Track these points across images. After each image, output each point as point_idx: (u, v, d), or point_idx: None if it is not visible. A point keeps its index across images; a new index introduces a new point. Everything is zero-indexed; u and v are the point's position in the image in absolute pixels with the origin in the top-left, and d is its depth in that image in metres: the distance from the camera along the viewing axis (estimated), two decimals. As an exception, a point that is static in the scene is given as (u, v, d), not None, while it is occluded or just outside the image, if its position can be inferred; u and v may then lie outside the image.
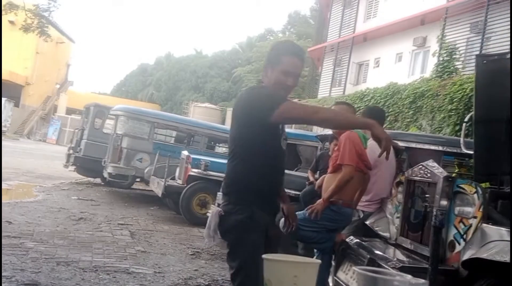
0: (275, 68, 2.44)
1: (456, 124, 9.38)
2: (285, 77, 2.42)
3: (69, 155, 12.35)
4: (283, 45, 2.58)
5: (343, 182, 3.57)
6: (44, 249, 4.99)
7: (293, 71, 2.44)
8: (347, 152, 3.57)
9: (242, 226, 2.33)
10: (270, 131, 2.39)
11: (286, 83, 2.43)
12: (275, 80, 2.43)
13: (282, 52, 2.46)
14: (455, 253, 3.02)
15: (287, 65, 2.42)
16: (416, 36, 15.79)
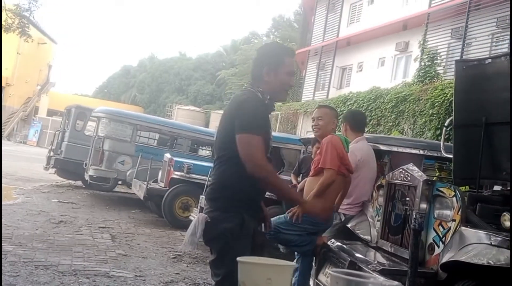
0: (279, 70, 2.45)
1: (437, 128, 9.52)
2: (289, 77, 2.47)
3: (49, 157, 12.16)
4: (280, 47, 2.59)
5: (325, 186, 3.58)
6: (23, 252, 4.90)
7: (293, 70, 2.52)
8: (328, 156, 3.59)
9: (231, 234, 2.29)
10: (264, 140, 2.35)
11: (290, 83, 2.48)
12: (281, 81, 2.45)
13: (283, 54, 2.49)
14: (434, 256, 3.06)
15: (290, 66, 2.48)
16: (398, 41, 15.99)
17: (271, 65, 2.45)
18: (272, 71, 2.44)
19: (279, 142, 7.84)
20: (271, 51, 2.53)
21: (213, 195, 2.39)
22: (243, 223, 2.29)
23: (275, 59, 2.47)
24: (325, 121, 3.84)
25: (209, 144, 10.95)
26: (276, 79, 2.45)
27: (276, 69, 2.44)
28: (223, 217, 2.31)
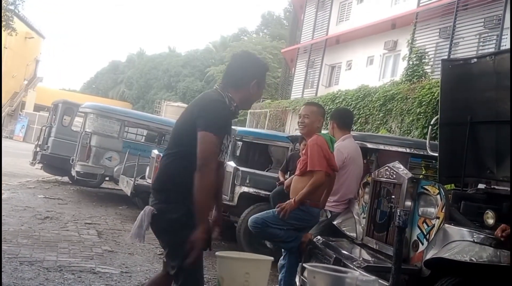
0: (261, 83, 2.58)
1: (424, 126, 9.59)
2: (262, 91, 2.62)
3: (36, 153, 12.03)
4: (263, 62, 2.70)
5: (315, 187, 3.60)
6: (7, 248, 4.85)
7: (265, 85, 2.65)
8: (315, 157, 3.61)
9: (178, 225, 2.30)
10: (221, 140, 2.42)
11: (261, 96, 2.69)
12: (259, 93, 2.60)
13: (265, 69, 2.65)
14: (418, 253, 3.09)
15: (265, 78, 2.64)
16: (387, 39, 16.08)
17: (257, 79, 2.54)
18: (256, 84, 2.54)
19: (267, 139, 7.86)
20: (259, 65, 2.62)
21: (159, 186, 2.43)
22: (189, 213, 2.28)
23: (262, 73, 2.59)
24: (311, 119, 3.84)
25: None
26: (258, 91, 2.57)
27: (259, 83, 2.56)
28: (169, 209, 2.33)
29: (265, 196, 6.10)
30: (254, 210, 6.06)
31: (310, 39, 20.06)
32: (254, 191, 6.28)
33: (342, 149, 4.14)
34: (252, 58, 2.66)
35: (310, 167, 3.62)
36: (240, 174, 6.33)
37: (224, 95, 2.49)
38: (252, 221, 3.72)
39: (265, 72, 2.63)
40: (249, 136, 7.71)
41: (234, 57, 2.68)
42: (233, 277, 2.02)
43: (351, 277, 2.07)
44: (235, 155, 7.48)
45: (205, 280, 4.78)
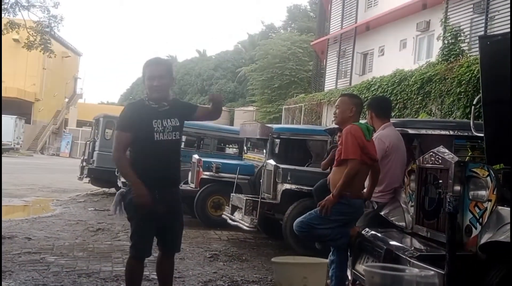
0: (145, 76, 3.30)
1: (466, 106, 9.29)
2: (150, 81, 3.27)
3: (82, 168, 12.47)
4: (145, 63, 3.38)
5: (350, 176, 3.56)
6: (65, 262, 5.05)
7: (154, 74, 3.26)
8: (349, 146, 3.57)
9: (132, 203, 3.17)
10: (143, 133, 3.21)
11: (153, 84, 3.26)
12: (147, 84, 3.30)
13: (144, 66, 3.34)
14: (472, 238, 3.01)
15: (148, 72, 3.29)
16: (419, 21, 15.64)
17: (144, 74, 3.32)
18: (144, 79, 3.32)
19: (305, 134, 7.83)
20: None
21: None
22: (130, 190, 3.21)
23: (144, 70, 3.32)
24: (342, 109, 3.84)
25: (235, 142, 11.00)
26: (146, 84, 3.30)
27: (145, 76, 3.30)
28: (128, 191, 3.26)
29: (307, 192, 6.08)
30: (298, 206, 6.06)
31: (339, 28, 19.79)
32: (296, 187, 6.28)
33: (383, 138, 4.08)
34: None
35: (343, 155, 3.59)
36: (281, 172, 6.34)
37: (143, 98, 3.42)
38: (298, 226, 3.71)
39: (143, 68, 3.32)
40: (286, 132, 7.70)
41: None
42: (291, 282, 2.04)
43: (410, 274, 2.04)
44: (274, 153, 7.49)
45: (256, 279, 4.83)
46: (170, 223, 3.34)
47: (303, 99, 19.31)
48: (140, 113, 3.26)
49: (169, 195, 3.30)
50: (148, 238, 3.29)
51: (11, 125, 30.74)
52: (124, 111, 3.35)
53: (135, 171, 3.20)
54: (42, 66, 37.19)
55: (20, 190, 11.95)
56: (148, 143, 3.21)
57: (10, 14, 14.40)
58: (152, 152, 3.22)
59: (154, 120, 3.24)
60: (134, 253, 3.31)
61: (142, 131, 3.21)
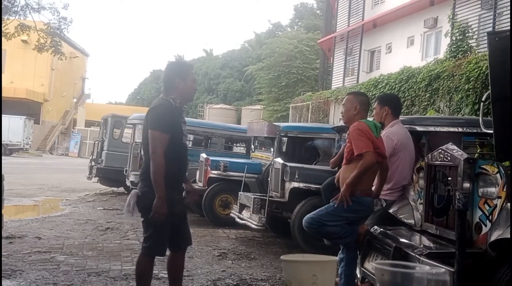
0: (185, 78, 3.30)
1: (475, 103, 9.23)
2: (194, 84, 3.37)
3: (91, 167, 12.54)
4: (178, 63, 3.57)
5: (365, 168, 3.53)
6: (75, 261, 5.08)
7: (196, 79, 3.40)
8: (359, 141, 3.56)
9: (150, 203, 3.11)
10: (175, 135, 3.20)
11: (195, 88, 3.40)
12: (187, 86, 3.31)
13: (183, 67, 3.41)
14: (482, 235, 2.99)
15: (193, 76, 3.38)
16: (426, 17, 15.55)
17: (180, 76, 3.30)
18: (182, 81, 3.29)
19: (312, 132, 7.81)
20: (177, 66, 3.48)
21: (143, 176, 3.30)
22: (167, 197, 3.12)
23: (181, 71, 3.33)
24: (347, 108, 3.87)
25: (242, 140, 11.00)
26: (185, 87, 3.30)
27: (184, 78, 3.29)
28: (149, 191, 3.14)
29: (315, 190, 6.07)
30: (306, 204, 6.05)
31: (346, 26, 19.73)
32: (304, 186, 6.27)
33: (391, 136, 4.06)
34: (172, 64, 3.57)
35: (356, 151, 3.57)
36: (288, 170, 6.33)
37: (168, 99, 3.29)
38: (307, 222, 3.71)
39: (185, 69, 3.36)
40: (294, 131, 7.69)
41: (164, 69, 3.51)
42: (300, 280, 2.04)
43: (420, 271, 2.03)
44: (282, 151, 7.48)
45: (264, 277, 4.83)
46: (181, 220, 3.40)
47: (310, 97, 19.27)
48: (174, 115, 3.27)
49: (182, 195, 3.40)
50: (166, 237, 3.31)
51: (20, 126, 30.96)
52: (160, 111, 3.23)
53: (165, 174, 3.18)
54: (51, 67, 37.43)
55: (30, 190, 12.05)
56: (177, 145, 3.25)
57: (21, 17, 14.45)
58: (179, 154, 3.27)
59: (182, 122, 3.32)
60: (149, 252, 3.32)
61: (175, 133, 3.23)
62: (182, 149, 3.30)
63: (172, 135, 3.20)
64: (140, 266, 3.38)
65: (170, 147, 3.20)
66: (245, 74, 38.77)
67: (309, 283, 2.00)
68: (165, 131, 3.16)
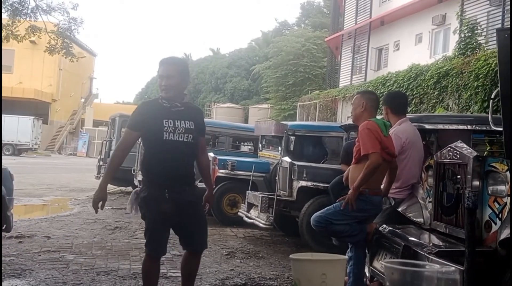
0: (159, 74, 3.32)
1: (484, 100, 9.15)
2: (160, 81, 3.30)
3: (99, 167, 12.60)
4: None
5: (371, 170, 3.53)
6: (84, 260, 5.11)
7: (164, 74, 3.27)
8: (367, 141, 3.55)
9: (144, 201, 3.24)
10: (153, 131, 3.19)
11: (162, 83, 3.28)
12: (158, 86, 3.36)
13: (158, 66, 3.33)
14: (491, 233, 2.96)
15: (160, 71, 3.30)
16: (434, 14, 15.45)
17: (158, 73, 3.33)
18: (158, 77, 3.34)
19: (320, 131, 7.78)
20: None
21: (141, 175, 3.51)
22: (150, 194, 3.23)
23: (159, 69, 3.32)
24: (354, 106, 3.90)
25: (250, 139, 10.99)
26: (159, 83, 3.32)
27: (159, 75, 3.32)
28: (141, 190, 3.31)
29: (324, 189, 6.06)
30: (314, 203, 6.04)
31: (353, 24, 19.66)
32: (312, 184, 6.25)
33: (399, 134, 4.04)
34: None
35: (363, 151, 3.57)
36: (296, 169, 6.32)
37: (159, 97, 3.33)
38: (315, 220, 3.70)
39: (159, 66, 3.31)
40: (301, 129, 7.67)
41: None
42: (309, 279, 2.03)
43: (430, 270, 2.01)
44: (289, 150, 7.47)
45: (273, 276, 4.83)
46: (185, 221, 3.30)
47: (317, 96, 19.22)
48: (151, 112, 3.26)
49: (179, 194, 3.24)
50: (160, 236, 3.29)
51: (29, 126, 31.20)
52: (136, 109, 3.35)
53: (145, 170, 3.31)
54: (58, 67, 37.64)
55: (39, 190, 12.13)
56: (158, 142, 3.20)
57: (31, 19, 14.48)
58: (161, 151, 3.21)
59: (165, 119, 3.21)
60: (148, 251, 3.34)
61: (152, 130, 3.20)
62: (165, 146, 3.19)
63: (148, 132, 3.21)
64: (144, 265, 3.40)
65: (149, 145, 3.26)
66: (252, 73, 38.75)
67: (318, 282, 1.99)
68: (132, 129, 3.24)
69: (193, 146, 3.31)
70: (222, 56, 48.13)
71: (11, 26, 14.48)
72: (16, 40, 15.02)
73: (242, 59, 44.05)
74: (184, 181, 3.30)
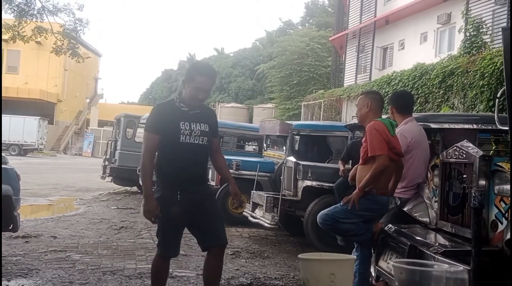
0: (190, 83, 3.20)
1: (490, 99, 9.12)
2: (196, 92, 3.19)
3: (105, 167, 12.65)
4: (191, 67, 3.30)
5: (378, 172, 3.53)
6: (90, 260, 5.13)
7: (203, 87, 3.18)
8: (375, 142, 3.54)
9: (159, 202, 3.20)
10: (170, 134, 3.17)
11: (198, 96, 3.21)
12: (190, 91, 3.21)
13: (192, 71, 3.22)
14: (498, 233, 2.95)
15: (198, 83, 3.17)
16: (439, 13, 15.39)
17: (186, 80, 3.25)
18: (186, 84, 3.24)
19: (325, 130, 7.78)
20: (189, 69, 3.29)
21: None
22: (162, 195, 3.21)
23: (188, 75, 3.23)
24: (359, 107, 3.90)
25: (254, 139, 11.00)
26: (187, 91, 3.23)
27: (189, 83, 3.21)
28: (154, 191, 3.26)
29: (329, 188, 6.05)
30: (319, 203, 6.03)
31: (358, 23, 19.60)
32: (317, 184, 6.25)
33: (405, 133, 4.03)
34: (190, 65, 3.43)
35: (370, 152, 3.57)
36: (301, 169, 6.32)
37: (175, 98, 3.30)
38: (322, 218, 3.70)
39: (190, 74, 3.21)
40: (306, 129, 7.67)
41: None
42: (318, 278, 2.03)
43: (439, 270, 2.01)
44: (294, 150, 7.47)
45: (278, 276, 4.83)
46: (200, 219, 3.27)
47: (322, 95, 19.19)
48: (168, 114, 3.22)
49: (193, 194, 3.23)
50: (172, 237, 3.29)
51: (34, 126, 31.34)
52: (153, 112, 3.29)
53: (159, 172, 3.26)
54: (64, 68, 37.78)
55: (45, 190, 12.20)
56: (174, 144, 3.18)
57: (38, 19, 14.52)
58: (177, 154, 3.19)
59: (182, 122, 3.20)
60: (160, 252, 3.34)
61: (169, 132, 3.18)
62: (181, 148, 3.18)
63: (164, 135, 3.18)
64: (154, 264, 3.39)
65: (165, 146, 3.21)
66: (256, 72, 38.73)
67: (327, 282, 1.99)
68: (152, 132, 3.20)
69: (207, 148, 3.33)
70: (227, 56, 48.15)
71: (18, 27, 14.56)
72: (23, 41, 15.09)
73: (246, 59, 44.04)
74: (198, 182, 3.30)
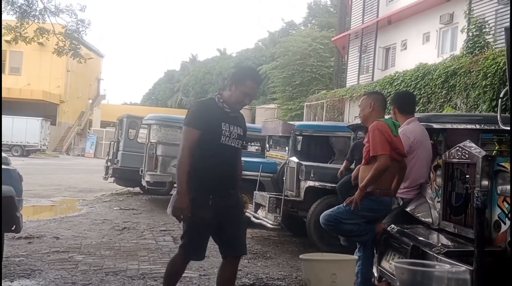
0: (239, 87, 3.16)
1: (492, 99, 9.10)
2: (244, 96, 3.18)
3: (107, 167, 12.66)
4: (242, 69, 3.49)
5: (379, 172, 3.52)
6: (92, 261, 5.14)
7: (251, 93, 3.19)
8: (377, 142, 3.54)
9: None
10: (211, 133, 3.08)
11: (244, 101, 3.21)
12: (237, 95, 3.17)
13: (243, 75, 3.21)
14: (501, 233, 2.95)
15: (248, 88, 3.17)
16: (442, 13, 15.38)
17: (236, 82, 3.17)
18: (234, 86, 3.18)
19: (327, 130, 7.77)
20: (239, 71, 3.30)
21: None
22: (194, 197, 3.07)
23: (239, 78, 3.18)
24: (362, 107, 3.91)
25: (257, 139, 10.99)
26: (233, 93, 3.18)
27: (238, 86, 3.16)
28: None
29: (331, 189, 6.05)
30: (322, 203, 6.03)
31: (360, 23, 19.60)
32: (319, 184, 6.25)
33: (408, 134, 4.02)
34: (239, 67, 3.58)
35: (372, 152, 3.57)
36: (304, 169, 6.32)
37: (214, 96, 3.24)
38: (325, 219, 3.70)
39: (239, 77, 3.17)
40: (309, 129, 7.66)
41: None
42: (319, 279, 2.03)
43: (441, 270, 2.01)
44: (297, 150, 7.47)
45: (281, 276, 4.83)
46: (227, 224, 3.19)
47: (324, 96, 19.18)
48: (211, 112, 3.15)
49: (224, 198, 3.15)
50: (200, 241, 3.21)
51: (37, 127, 31.43)
52: (195, 107, 3.18)
53: (194, 172, 3.08)
54: (66, 69, 37.87)
55: (47, 191, 12.22)
56: (214, 145, 3.10)
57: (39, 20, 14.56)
58: (215, 154, 3.11)
59: (223, 122, 3.14)
60: (183, 253, 3.25)
61: (209, 131, 3.09)
62: (220, 150, 3.11)
63: (205, 132, 3.08)
64: (173, 264, 3.31)
65: (203, 145, 3.09)
66: (259, 73, 38.71)
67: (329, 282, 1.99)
68: (194, 127, 3.08)
69: (240, 152, 3.32)
70: (229, 56, 48.18)
71: (20, 28, 14.59)
72: (25, 42, 15.13)
73: (249, 60, 44.01)
74: (231, 185, 3.22)
